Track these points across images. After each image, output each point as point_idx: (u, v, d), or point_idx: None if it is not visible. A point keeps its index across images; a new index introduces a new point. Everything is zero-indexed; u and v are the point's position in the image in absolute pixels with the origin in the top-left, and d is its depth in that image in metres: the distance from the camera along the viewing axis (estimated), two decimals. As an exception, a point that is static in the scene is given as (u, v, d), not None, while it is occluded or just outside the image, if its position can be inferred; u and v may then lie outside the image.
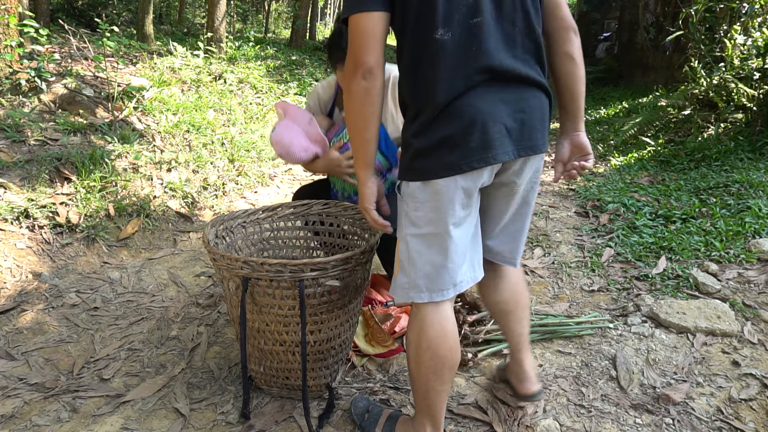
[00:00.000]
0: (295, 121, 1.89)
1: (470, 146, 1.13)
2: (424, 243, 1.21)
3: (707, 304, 2.08)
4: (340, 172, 1.91)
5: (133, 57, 5.10)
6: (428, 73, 1.13)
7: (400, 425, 1.44)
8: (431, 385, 1.28)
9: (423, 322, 1.26)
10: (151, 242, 2.86)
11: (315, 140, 1.91)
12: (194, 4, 14.24)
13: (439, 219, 1.19)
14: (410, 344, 1.30)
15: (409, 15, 1.12)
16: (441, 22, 1.10)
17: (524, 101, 1.18)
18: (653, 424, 1.55)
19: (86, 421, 1.57)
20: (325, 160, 1.92)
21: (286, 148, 1.87)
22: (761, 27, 4.38)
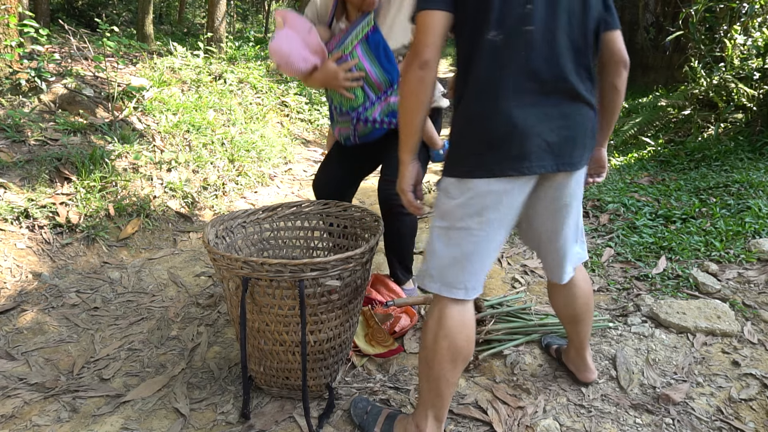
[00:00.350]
0: (294, 30, 1.82)
1: (507, 153, 1.17)
2: (445, 237, 1.27)
3: (707, 304, 2.08)
4: (338, 84, 1.83)
5: (133, 57, 5.10)
6: (477, 72, 1.18)
7: (398, 423, 1.46)
8: (444, 374, 1.31)
9: (442, 312, 1.30)
10: (151, 242, 2.86)
11: (314, 51, 1.84)
12: (194, 4, 14.24)
13: (465, 217, 1.23)
14: (428, 332, 1.33)
15: (466, 14, 1.18)
16: (494, 24, 1.15)
17: (569, 117, 1.21)
18: (653, 424, 1.55)
19: (86, 421, 1.57)
20: (323, 72, 1.84)
21: (285, 58, 1.80)
22: (761, 27, 4.38)
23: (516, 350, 1.94)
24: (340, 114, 1.95)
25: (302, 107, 5.94)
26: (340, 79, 1.82)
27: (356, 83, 1.83)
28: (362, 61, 1.82)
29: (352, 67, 1.82)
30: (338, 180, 2.13)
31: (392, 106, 1.87)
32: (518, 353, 1.92)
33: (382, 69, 1.83)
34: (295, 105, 5.83)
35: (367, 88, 1.84)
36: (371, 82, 1.83)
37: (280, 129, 5.28)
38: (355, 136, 1.93)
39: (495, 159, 1.18)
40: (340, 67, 1.81)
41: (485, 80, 1.17)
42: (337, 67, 1.81)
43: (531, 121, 1.16)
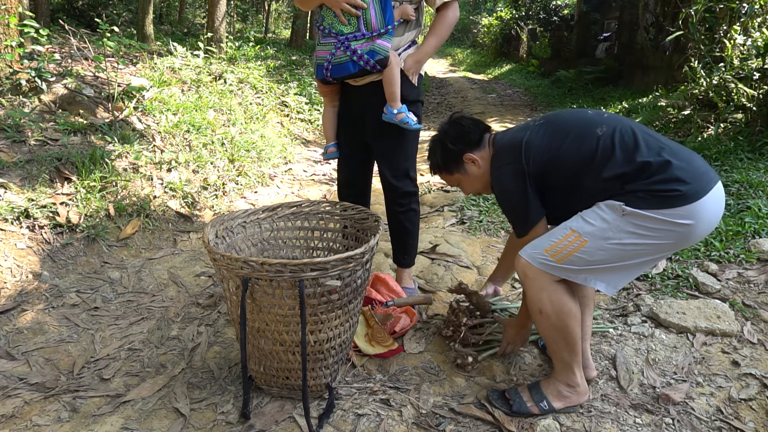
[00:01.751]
0: None
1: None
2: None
3: (707, 304, 2.08)
4: (338, 3, 1.86)
5: (133, 57, 5.10)
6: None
7: (544, 386, 1.61)
8: (572, 330, 1.50)
9: (549, 286, 1.49)
10: (151, 242, 2.86)
11: None
12: (194, 4, 14.24)
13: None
14: (543, 302, 1.50)
15: None
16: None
17: None
18: (653, 424, 1.55)
19: (86, 421, 1.57)
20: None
21: None
22: (761, 27, 4.38)
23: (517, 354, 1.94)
24: (326, 36, 1.97)
25: (302, 107, 5.94)
26: (342, 1, 1.85)
27: (355, 11, 1.86)
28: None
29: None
30: (355, 172, 2.20)
31: (376, 47, 1.90)
32: (518, 353, 1.92)
33: (382, 11, 1.88)
34: (295, 105, 5.83)
35: (362, 21, 1.88)
36: (368, 18, 1.88)
37: (280, 129, 5.28)
38: (330, 63, 1.95)
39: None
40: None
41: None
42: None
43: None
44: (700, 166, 1.41)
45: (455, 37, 26.31)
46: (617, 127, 1.45)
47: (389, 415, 1.59)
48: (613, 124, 1.47)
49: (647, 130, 1.47)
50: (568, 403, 1.59)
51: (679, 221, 1.35)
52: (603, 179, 1.41)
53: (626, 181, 1.39)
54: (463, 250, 2.84)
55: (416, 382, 1.76)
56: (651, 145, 1.40)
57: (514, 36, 16.20)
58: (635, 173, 1.38)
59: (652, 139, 1.43)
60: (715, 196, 1.39)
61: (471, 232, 3.11)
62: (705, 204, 1.35)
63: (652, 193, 1.36)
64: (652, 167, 1.37)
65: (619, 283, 1.49)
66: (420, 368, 1.83)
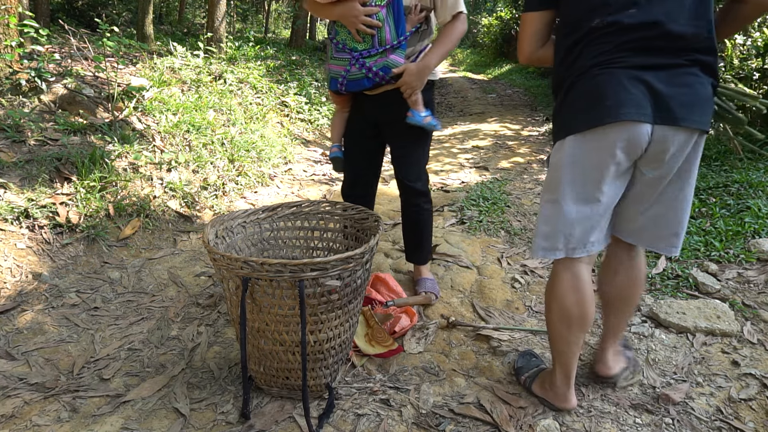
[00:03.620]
0: None
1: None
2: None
3: (707, 304, 2.08)
4: (354, 22, 1.87)
5: (133, 57, 5.10)
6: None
7: (541, 375, 1.67)
8: (559, 333, 1.49)
9: (555, 277, 1.49)
10: (151, 242, 2.86)
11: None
12: (194, 4, 14.24)
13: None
14: (545, 295, 1.54)
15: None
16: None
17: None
18: (653, 423, 1.55)
19: (86, 421, 1.57)
20: (346, 9, 1.87)
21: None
22: (761, 27, 4.38)
23: (516, 350, 1.94)
24: (340, 51, 1.98)
25: (302, 107, 5.94)
26: (360, 20, 1.86)
27: (370, 30, 1.88)
28: (383, 14, 1.88)
29: (373, 14, 1.87)
30: (365, 167, 2.21)
31: (389, 61, 1.92)
32: (518, 354, 1.92)
33: (395, 24, 1.90)
34: (295, 105, 5.83)
35: (376, 37, 1.90)
36: (382, 34, 1.90)
37: (280, 129, 5.28)
38: (345, 78, 1.97)
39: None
40: (363, 10, 1.86)
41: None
42: (360, 9, 1.86)
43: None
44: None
45: (455, 37, 26.25)
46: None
47: (389, 415, 1.59)
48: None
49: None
50: (544, 395, 1.62)
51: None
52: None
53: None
54: (463, 250, 2.84)
55: (416, 382, 1.76)
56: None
57: (514, 36, 16.20)
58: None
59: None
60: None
61: (471, 232, 3.11)
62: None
63: None
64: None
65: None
66: (420, 368, 1.83)
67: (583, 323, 1.47)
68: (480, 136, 6.66)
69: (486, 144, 6.10)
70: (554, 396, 1.59)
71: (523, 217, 3.39)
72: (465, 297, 2.37)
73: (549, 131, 6.73)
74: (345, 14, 1.87)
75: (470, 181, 4.33)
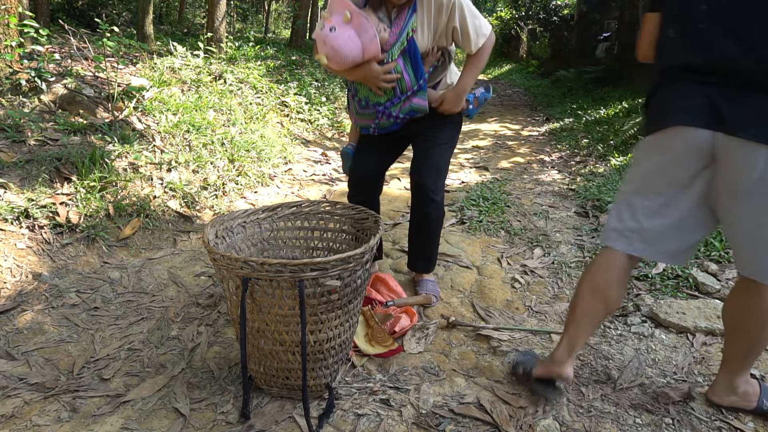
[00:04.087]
0: (359, 33, 1.78)
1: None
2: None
3: (707, 304, 2.08)
4: (375, 83, 1.88)
5: (133, 57, 5.10)
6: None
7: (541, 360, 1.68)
8: (581, 299, 1.55)
9: (598, 256, 1.56)
10: (151, 242, 2.86)
11: (370, 56, 1.82)
12: (194, 4, 14.24)
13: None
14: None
15: None
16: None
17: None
18: (653, 423, 1.55)
19: (86, 421, 1.57)
20: (366, 71, 1.86)
21: (340, 57, 1.78)
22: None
23: (516, 350, 1.94)
24: (364, 107, 2.01)
25: (302, 107, 5.94)
26: (380, 79, 1.87)
27: (391, 84, 1.90)
28: (400, 64, 1.90)
29: (392, 69, 1.89)
30: (375, 169, 2.19)
31: (413, 106, 1.96)
32: (518, 353, 1.92)
33: (414, 73, 1.91)
34: (295, 105, 5.83)
35: (397, 88, 1.92)
36: (402, 83, 1.92)
37: (280, 129, 5.28)
38: (376, 127, 2.03)
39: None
40: (381, 68, 1.87)
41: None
42: (379, 69, 1.87)
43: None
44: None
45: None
46: None
47: (389, 415, 1.59)
48: None
49: None
50: (543, 370, 1.63)
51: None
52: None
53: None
54: (463, 250, 2.84)
55: (416, 382, 1.76)
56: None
57: (514, 36, 16.21)
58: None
59: None
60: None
61: (471, 232, 3.11)
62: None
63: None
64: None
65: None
66: (420, 368, 1.83)
67: (607, 300, 1.52)
68: (480, 136, 6.66)
69: (486, 144, 6.10)
70: (551, 363, 1.60)
71: (523, 217, 3.39)
72: (465, 297, 2.37)
73: (549, 131, 6.73)
74: (365, 76, 1.89)
75: (470, 181, 4.33)
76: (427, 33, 1.93)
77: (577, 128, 6.41)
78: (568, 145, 5.72)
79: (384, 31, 1.87)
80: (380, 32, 1.85)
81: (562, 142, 5.91)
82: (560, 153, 5.47)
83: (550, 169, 4.84)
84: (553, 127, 6.95)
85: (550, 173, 4.65)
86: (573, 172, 4.63)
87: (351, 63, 1.82)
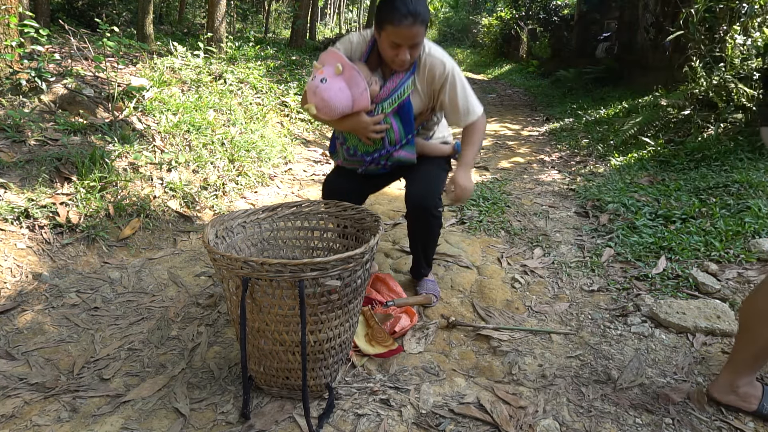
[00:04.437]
0: (350, 85, 1.80)
1: None
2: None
3: (707, 304, 2.08)
4: (364, 133, 1.89)
5: (133, 57, 5.10)
6: None
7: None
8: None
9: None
10: (151, 242, 2.86)
11: (359, 108, 1.84)
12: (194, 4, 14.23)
13: None
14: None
15: None
16: None
17: None
18: (653, 423, 1.55)
19: (86, 421, 1.57)
20: (355, 122, 1.88)
21: (330, 108, 1.80)
22: (761, 27, 4.38)
23: (516, 350, 1.94)
24: (352, 155, 2.04)
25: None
26: (369, 129, 1.90)
27: (380, 135, 1.92)
28: (391, 118, 1.93)
29: (381, 120, 1.91)
30: (352, 192, 2.14)
31: (401, 158, 1.99)
32: (518, 353, 1.92)
33: (403, 125, 1.95)
34: (295, 105, 5.83)
35: (386, 139, 1.95)
36: (391, 135, 1.95)
37: (280, 129, 5.28)
38: (364, 170, 2.08)
39: None
40: (371, 119, 1.89)
41: None
42: (369, 120, 1.89)
43: None
44: None
45: (455, 37, 26.31)
46: None
47: (389, 415, 1.59)
48: None
49: None
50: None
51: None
52: None
53: None
54: (463, 250, 2.84)
55: (416, 382, 1.76)
56: None
57: (514, 36, 16.21)
58: None
59: None
60: None
61: (471, 232, 3.11)
62: None
63: None
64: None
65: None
66: (420, 368, 1.83)
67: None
68: (480, 136, 6.65)
69: (486, 144, 6.10)
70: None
71: (523, 217, 3.39)
72: (465, 297, 2.37)
73: (549, 131, 6.73)
74: (355, 127, 1.91)
75: (470, 181, 4.32)
76: (422, 96, 1.98)
77: (577, 128, 6.41)
78: (568, 145, 5.72)
79: (375, 84, 1.91)
80: (371, 85, 1.88)
81: (562, 142, 5.91)
82: (560, 153, 5.47)
83: (550, 169, 4.84)
84: (553, 127, 6.95)
85: (550, 173, 4.65)
86: (573, 172, 4.63)
87: (340, 114, 1.85)
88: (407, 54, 1.82)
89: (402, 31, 1.75)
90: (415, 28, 1.75)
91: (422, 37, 1.82)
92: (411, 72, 1.92)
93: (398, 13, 1.73)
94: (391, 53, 1.83)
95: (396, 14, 1.73)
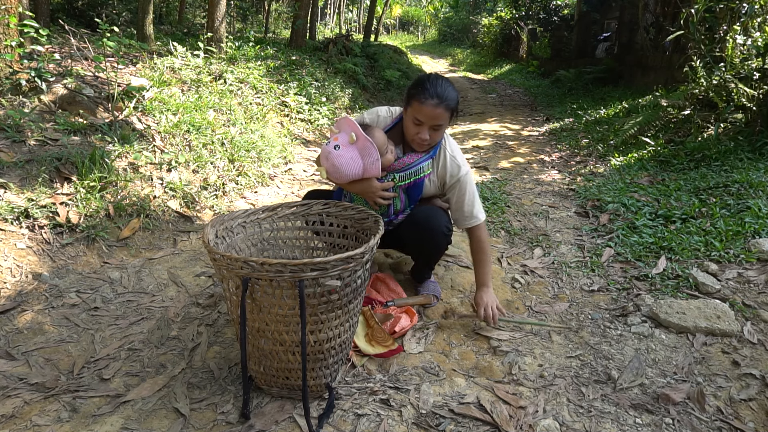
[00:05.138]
0: (362, 155, 1.84)
1: None
2: None
3: (707, 304, 2.08)
4: (372, 197, 1.94)
5: (133, 57, 5.10)
6: None
7: None
8: None
9: None
10: (151, 242, 2.86)
11: (369, 175, 1.89)
12: (194, 4, 14.22)
13: None
14: None
15: None
16: None
17: None
18: (653, 423, 1.55)
19: (86, 421, 1.57)
20: (366, 186, 1.92)
21: (340, 174, 1.84)
22: (761, 27, 4.38)
23: (516, 350, 1.94)
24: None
25: (302, 107, 5.94)
26: (377, 196, 1.94)
27: (387, 202, 1.98)
28: (400, 191, 2.00)
29: (390, 188, 1.97)
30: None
31: (395, 223, 2.08)
32: (518, 353, 1.92)
33: (409, 202, 2.04)
34: (295, 105, 5.83)
35: (392, 207, 2.02)
36: (397, 203, 2.02)
37: (280, 129, 5.28)
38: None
39: None
40: (380, 185, 1.94)
41: None
42: (378, 185, 1.93)
43: None
44: None
45: (455, 37, 26.31)
46: None
47: (389, 415, 1.59)
48: None
49: None
50: None
51: None
52: None
53: None
54: (463, 250, 2.84)
55: (416, 382, 1.76)
56: None
57: (514, 36, 16.21)
58: None
59: None
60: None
61: (471, 232, 3.11)
62: None
63: None
64: None
65: None
66: (420, 368, 1.83)
67: None
68: (480, 136, 6.66)
69: (486, 144, 6.10)
70: None
71: (523, 217, 3.39)
72: (465, 297, 2.37)
73: (549, 131, 6.73)
74: (364, 191, 1.95)
75: (470, 181, 4.32)
76: (435, 184, 2.06)
77: (577, 128, 6.41)
78: (568, 145, 5.72)
79: (391, 153, 1.95)
80: (386, 153, 1.92)
81: (562, 142, 5.91)
82: (560, 153, 5.47)
83: (550, 169, 4.84)
84: (553, 127, 6.95)
85: (550, 173, 4.65)
86: (573, 172, 4.63)
87: (350, 180, 1.89)
88: (427, 134, 1.88)
89: (426, 109, 1.83)
90: (439, 110, 1.83)
91: (445, 122, 1.89)
92: (430, 156, 1.99)
93: (426, 92, 1.83)
94: (413, 130, 1.90)
95: (424, 93, 1.83)
